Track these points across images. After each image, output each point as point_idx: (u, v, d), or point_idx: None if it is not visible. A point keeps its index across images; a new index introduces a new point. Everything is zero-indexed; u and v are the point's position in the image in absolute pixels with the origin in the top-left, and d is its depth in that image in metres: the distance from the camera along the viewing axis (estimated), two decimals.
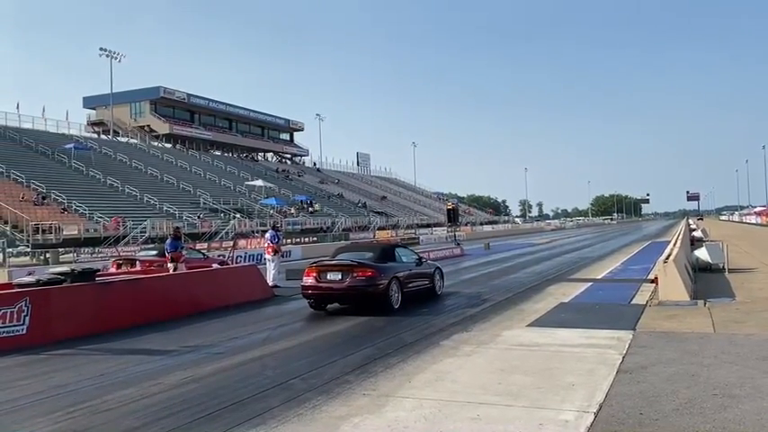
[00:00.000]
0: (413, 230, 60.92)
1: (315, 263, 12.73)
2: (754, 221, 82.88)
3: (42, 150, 51.20)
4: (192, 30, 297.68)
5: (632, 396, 5.71)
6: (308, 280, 12.14)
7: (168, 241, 16.02)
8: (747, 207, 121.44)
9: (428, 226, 69.51)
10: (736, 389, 5.81)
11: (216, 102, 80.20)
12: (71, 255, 31.12)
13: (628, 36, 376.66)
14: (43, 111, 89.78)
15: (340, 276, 11.88)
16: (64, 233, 35.18)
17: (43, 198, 40.12)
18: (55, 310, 10.04)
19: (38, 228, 34.90)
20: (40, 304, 9.73)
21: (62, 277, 11.04)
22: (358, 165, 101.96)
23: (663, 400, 5.56)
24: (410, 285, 12.89)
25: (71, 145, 52.31)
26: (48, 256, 30.76)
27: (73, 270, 11.65)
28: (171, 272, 15.07)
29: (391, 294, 11.97)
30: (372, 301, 11.84)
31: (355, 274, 11.75)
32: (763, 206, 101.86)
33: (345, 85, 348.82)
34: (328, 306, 12.40)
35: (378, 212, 71.54)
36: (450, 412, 5.45)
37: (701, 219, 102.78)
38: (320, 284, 12.00)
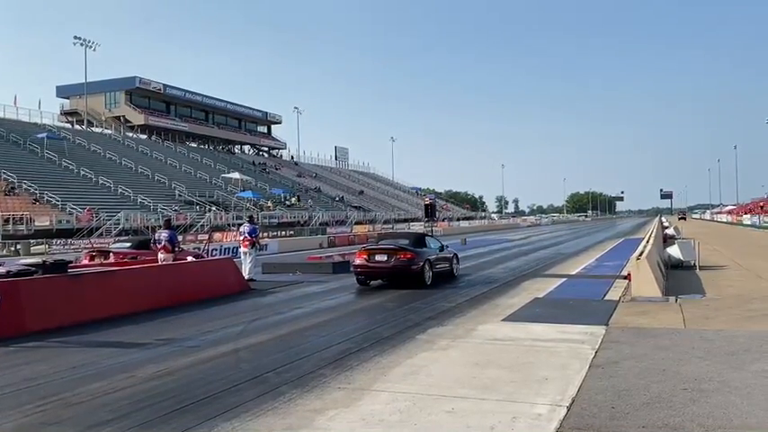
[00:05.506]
0: (390, 225, 60.99)
1: (364, 247, 15.55)
2: (725, 220, 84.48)
3: (14, 139, 50.20)
4: (168, 20, 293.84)
5: (604, 390, 5.79)
6: (359, 260, 14.63)
7: (171, 233, 14.93)
8: (719, 206, 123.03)
9: (405, 221, 69.62)
10: (705, 383, 5.93)
11: (193, 93, 79.19)
12: (43, 246, 30.62)
13: (604, 36, 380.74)
14: (15, 99, 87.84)
15: (386, 258, 14.29)
16: (35, 224, 34.61)
17: (12, 188, 39.34)
18: (26, 301, 9.86)
19: (8, 218, 34.27)
20: (10, 296, 9.53)
21: (33, 269, 10.83)
22: (336, 159, 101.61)
23: (634, 394, 5.65)
24: (437, 267, 15.26)
25: (44, 134, 51.38)
26: (18, 247, 30.21)
27: (44, 261, 11.45)
28: (163, 262, 14.32)
29: (425, 273, 14.34)
30: (411, 278, 14.19)
31: (398, 256, 14.19)
32: (734, 205, 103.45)
33: (324, 78, 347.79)
34: (371, 282, 14.89)
35: (355, 207, 71.52)
36: (424, 405, 5.47)
37: (684, 218, 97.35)
38: (369, 264, 14.45)
